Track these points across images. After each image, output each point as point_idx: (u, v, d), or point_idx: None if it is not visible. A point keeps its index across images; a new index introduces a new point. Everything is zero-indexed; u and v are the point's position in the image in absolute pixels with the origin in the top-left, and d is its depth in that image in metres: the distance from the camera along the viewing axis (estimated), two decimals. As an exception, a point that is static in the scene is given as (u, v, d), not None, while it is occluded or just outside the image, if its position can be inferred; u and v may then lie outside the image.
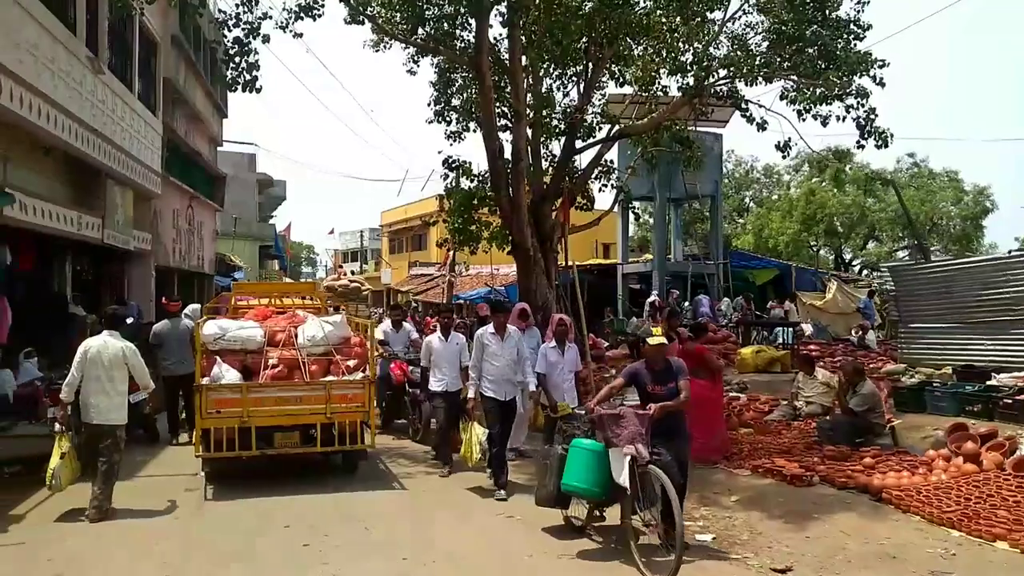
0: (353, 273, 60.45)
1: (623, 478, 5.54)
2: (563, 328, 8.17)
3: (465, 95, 17.70)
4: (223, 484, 7.84)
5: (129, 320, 12.34)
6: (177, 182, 18.90)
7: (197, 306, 11.30)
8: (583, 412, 6.25)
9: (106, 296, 14.87)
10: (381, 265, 53.99)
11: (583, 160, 17.39)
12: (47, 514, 6.91)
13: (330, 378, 7.83)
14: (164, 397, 10.40)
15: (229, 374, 7.70)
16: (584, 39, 15.76)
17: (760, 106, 15.66)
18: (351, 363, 8.13)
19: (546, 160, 17.20)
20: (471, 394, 7.67)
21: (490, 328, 7.78)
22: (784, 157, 16.81)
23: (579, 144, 16.72)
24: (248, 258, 35.16)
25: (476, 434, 7.42)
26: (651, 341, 5.98)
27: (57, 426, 6.84)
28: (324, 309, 9.98)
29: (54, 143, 11.03)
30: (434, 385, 8.54)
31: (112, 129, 13.18)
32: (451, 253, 27.05)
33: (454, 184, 17.59)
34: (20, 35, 9.17)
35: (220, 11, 13.95)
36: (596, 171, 17.44)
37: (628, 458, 5.53)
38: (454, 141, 18.12)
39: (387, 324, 11.59)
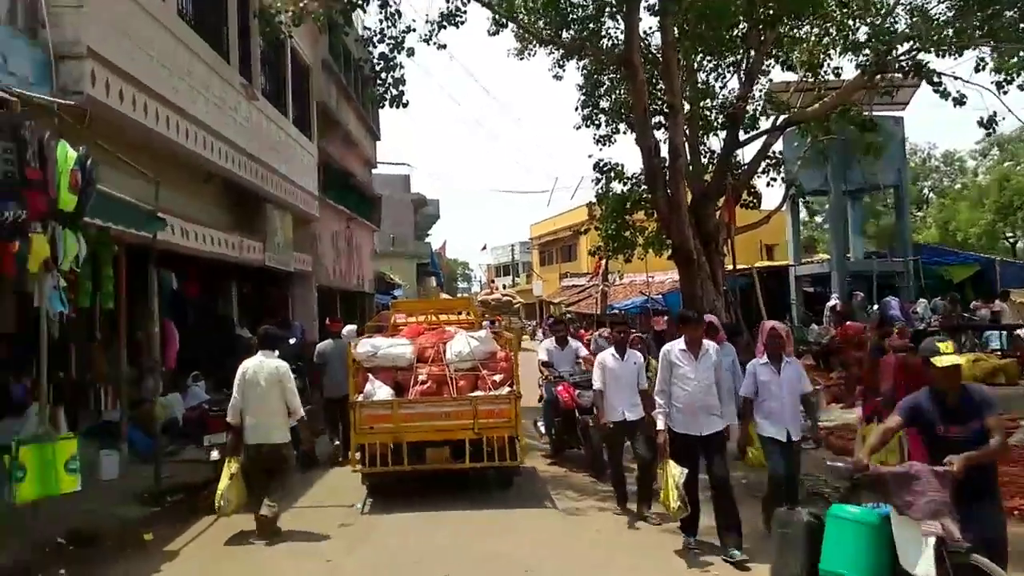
0: (504, 287, 61.06)
1: (922, 567, 3.85)
2: (777, 340, 6.34)
3: (613, 96, 16.85)
4: (381, 505, 7.71)
5: (292, 340, 12.46)
6: (334, 204, 19.28)
7: (353, 327, 11.14)
8: (842, 466, 4.53)
9: (270, 317, 15.18)
10: (532, 277, 53.96)
11: (747, 154, 16.00)
12: (209, 542, 6.65)
13: (477, 393, 7.84)
14: (327, 419, 10.20)
15: (381, 391, 7.83)
16: (743, 24, 14.48)
17: (956, 78, 13.64)
18: (497, 378, 8.07)
19: (705, 156, 15.95)
20: (660, 426, 6.22)
21: (680, 344, 6.31)
22: (989, 134, 14.61)
23: (742, 136, 15.37)
24: (406, 276, 36.00)
25: (672, 475, 5.96)
26: (939, 361, 4.16)
27: (215, 453, 6.66)
28: (479, 324, 9.80)
29: (212, 169, 11.24)
30: (609, 413, 7.23)
31: (268, 154, 13.42)
32: (603, 262, 26.11)
33: (605, 189, 16.73)
34: (174, 62, 9.30)
35: (366, 28, 13.89)
36: (763, 164, 15.97)
37: (932, 540, 3.85)
38: (604, 145, 17.32)
39: (550, 342, 10.28)
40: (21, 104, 5.41)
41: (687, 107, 14.46)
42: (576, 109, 16.99)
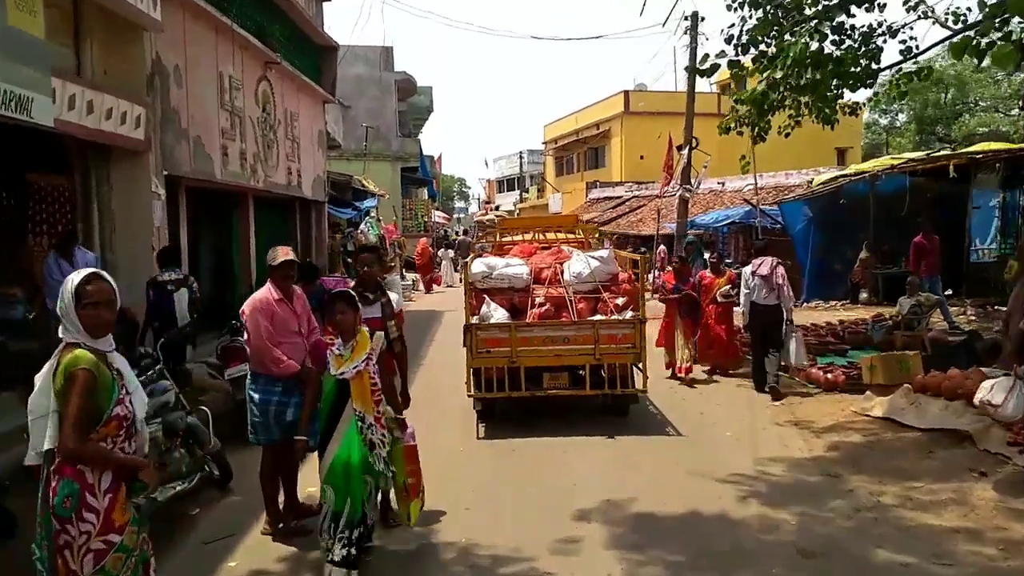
0: (499, 209, 51.85)
1: None
2: None
3: None
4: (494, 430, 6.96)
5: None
6: (220, 16, 10.02)
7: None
8: None
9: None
10: (547, 191, 44.51)
11: None
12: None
13: (599, 317, 7.23)
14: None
15: (497, 313, 7.29)
16: None
17: None
18: (619, 301, 7.41)
19: None
20: None
21: None
22: None
23: None
24: (386, 183, 26.68)
25: None
26: None
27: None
28: (588, 243, 8.90)
29: None
30: None
31: None
32: (685, 152, 16.91)
33: None
34: None
35: None
36: None
37: None
38: None
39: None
40: None
41: None
42: None
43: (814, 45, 7.62)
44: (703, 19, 13.51)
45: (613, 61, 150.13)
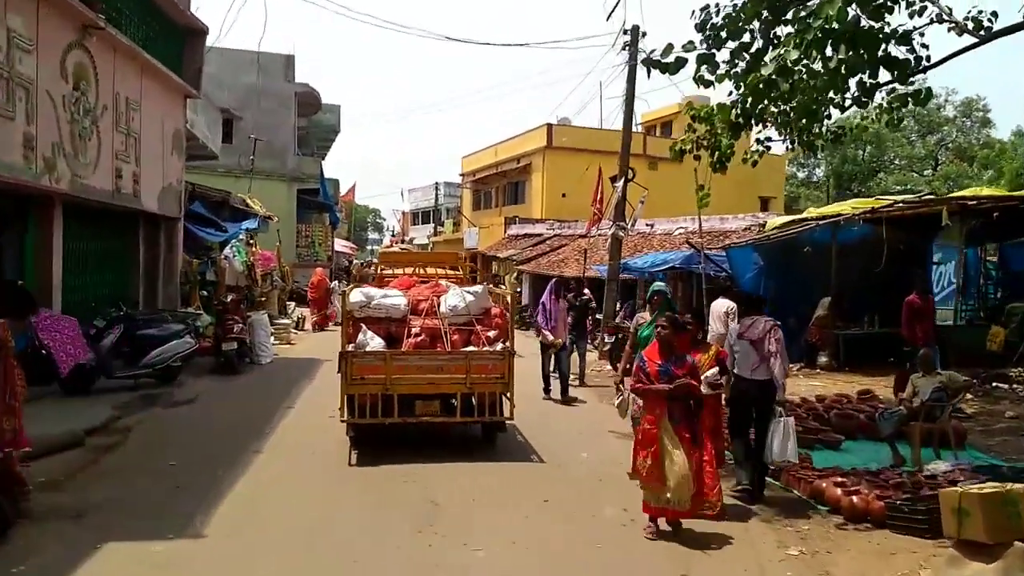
0: (411, 242, 48.96)
1: None
2: None
3: None
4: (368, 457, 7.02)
5: None
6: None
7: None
8: None
9: None
10: (462, 225, 41.86)
11: None
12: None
13: (470, 348, 7.54)
14: None
15: (374, 341, 7.45)
16: None
17: None
18: (491, 334, 7.79)
19: None
20: None
21: None
22: None
23: None
24: (279, 204, 23.41)
25: None
26: None
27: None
28: (467, 279, 9.34)
29: None
30: None
31: None
32: (619, 184, 14.58)
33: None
34: None
35: None
36: None
37: None
38: None
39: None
40: None
41: None
42: None
43: (849, 13, 5.28)
44: (644, 34, 11.46)
45: (536, 95, 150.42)
